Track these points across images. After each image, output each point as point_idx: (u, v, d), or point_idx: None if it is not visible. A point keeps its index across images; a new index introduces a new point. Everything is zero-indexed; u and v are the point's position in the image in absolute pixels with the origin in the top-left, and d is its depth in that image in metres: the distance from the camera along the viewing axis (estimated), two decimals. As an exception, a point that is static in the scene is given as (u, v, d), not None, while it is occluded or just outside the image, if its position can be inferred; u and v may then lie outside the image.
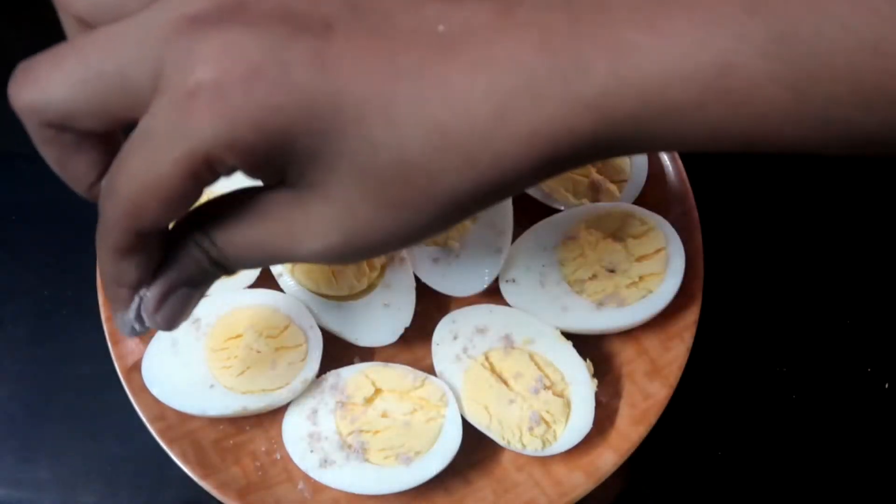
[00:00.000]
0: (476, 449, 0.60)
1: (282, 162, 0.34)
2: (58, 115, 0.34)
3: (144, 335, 0.58)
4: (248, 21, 0.33)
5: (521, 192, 0.65)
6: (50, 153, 0.37)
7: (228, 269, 0.40)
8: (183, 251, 0.39)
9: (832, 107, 0.31)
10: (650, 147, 0.35)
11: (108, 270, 0.38)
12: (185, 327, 0.60)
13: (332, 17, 0.33)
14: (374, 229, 0.36)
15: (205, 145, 0.32)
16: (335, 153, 0.34)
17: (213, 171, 0.34)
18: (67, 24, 0.39)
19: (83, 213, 0.67)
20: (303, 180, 0.36)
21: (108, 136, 0.38)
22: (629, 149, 0.35)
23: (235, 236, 0.38)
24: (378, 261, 0.63)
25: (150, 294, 0.40)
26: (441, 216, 0.36)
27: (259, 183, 0.38)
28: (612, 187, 0.66)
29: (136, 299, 0.40)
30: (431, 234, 0.38)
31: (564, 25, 0.32)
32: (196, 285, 0.41)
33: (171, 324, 0.42)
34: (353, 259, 0.41)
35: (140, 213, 0.34)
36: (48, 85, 0.34)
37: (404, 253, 0.63)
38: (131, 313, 0.40)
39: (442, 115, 0.33)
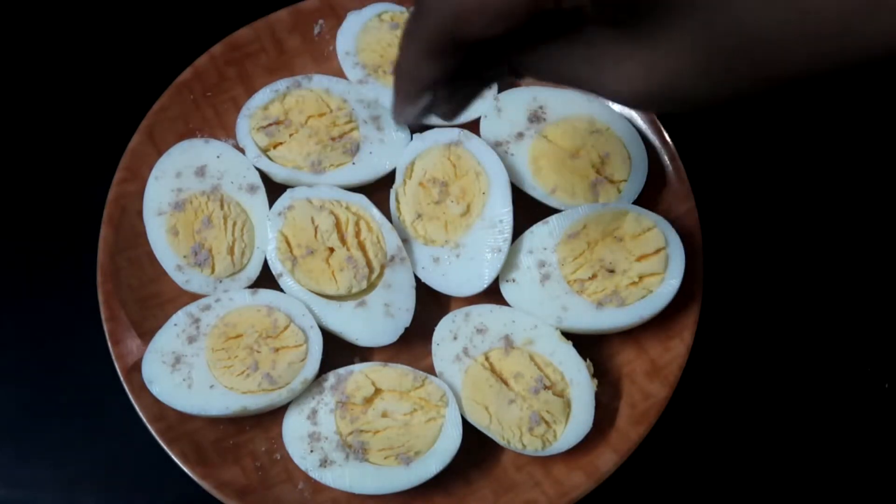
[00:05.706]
0: (476, 449, 0.61)
1: None
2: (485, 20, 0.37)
3: (412, 127, 0.66)
4: None
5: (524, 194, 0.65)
6: (437, 65, 0.40)
7: (521, 76, 0.43)
8: (494, 66, 0.42)
9: None
10: None
11: (409, 69, 0.41)
12: (185, 328, 0.61)
13: None
14: (680, 87, 0.37)
15: None
16: (688, 5, 0.35)
17: None
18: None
19: (83, 215, 0.68)
20: (637, 22, 0.36)
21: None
22: None
23: (544, 58, 0.40)
24: (378, 261, 0.63)
25: (445, 90, 0.43)
26: (758, 88, 0.36)
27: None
28: (612, 187, 0.66)
29: (428, 96, 0.43)
30: (719, 100, 0.38)
31: None
32: (489, 83, 0.45)
33: (454, 115, 0.46)
34: (641, 106, 0.42)
35: (464, 24, 0.36)
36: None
37: (404, 253, 0.64)
38: (417, 108, 0.44)
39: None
